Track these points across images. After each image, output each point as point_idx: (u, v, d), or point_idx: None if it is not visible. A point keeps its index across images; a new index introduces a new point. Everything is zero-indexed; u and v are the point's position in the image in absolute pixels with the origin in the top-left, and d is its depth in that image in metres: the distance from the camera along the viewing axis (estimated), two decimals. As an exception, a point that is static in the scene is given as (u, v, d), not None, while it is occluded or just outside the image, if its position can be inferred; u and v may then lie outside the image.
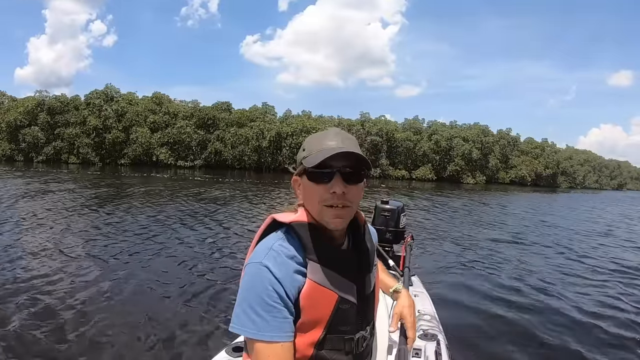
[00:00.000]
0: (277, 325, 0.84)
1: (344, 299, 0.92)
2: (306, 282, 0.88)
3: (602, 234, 11.72)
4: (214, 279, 4.81)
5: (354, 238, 1.00)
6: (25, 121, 53.49)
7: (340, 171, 0.88)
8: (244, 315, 0.85)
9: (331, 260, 0.91)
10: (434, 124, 68.36)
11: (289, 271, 0.87)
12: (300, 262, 0.89)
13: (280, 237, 0.92)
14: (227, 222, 9.15)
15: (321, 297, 0.89)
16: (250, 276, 0.87)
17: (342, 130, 0.96)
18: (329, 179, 0.88)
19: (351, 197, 0.90)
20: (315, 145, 0.92)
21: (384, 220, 2.62)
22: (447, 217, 13.47)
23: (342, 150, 0.87)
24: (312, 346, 0.90)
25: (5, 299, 3.85)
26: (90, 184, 18.62)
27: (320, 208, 0.90)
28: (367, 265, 1.01)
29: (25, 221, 8.00)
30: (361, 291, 0.97)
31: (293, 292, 0.87)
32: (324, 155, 0.87)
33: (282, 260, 0.87)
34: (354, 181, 0.90)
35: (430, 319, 2.00)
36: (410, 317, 1.13)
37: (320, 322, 0.90)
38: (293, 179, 0.97)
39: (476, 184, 59.45)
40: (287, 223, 0.93)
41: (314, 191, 0.90)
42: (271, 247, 0.89)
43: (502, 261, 6.81)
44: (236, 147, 56.71)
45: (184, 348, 3.12)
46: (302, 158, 0.93)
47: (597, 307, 4.60)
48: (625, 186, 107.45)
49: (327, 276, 0.90)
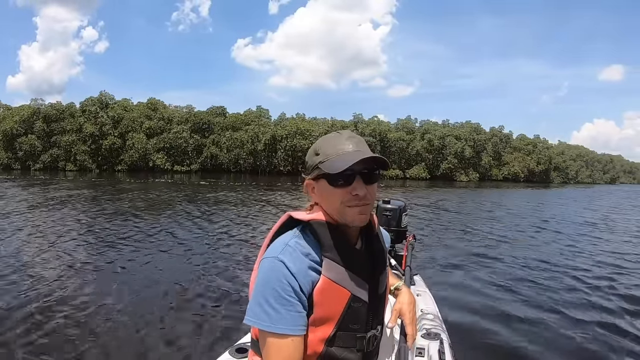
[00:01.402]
0: (290, 318, 0.86)
1: (357, 297, 0.94)
2: (320, 279, 0.90)
3: (602, 228, 11.61)
4: (216, 280, 4.87)
5: (367, 239, 1.03)
6: (22, 130, 53.91)
7: (361, 173, 0.91)
8: (259, 308, 0.87)
9: (346, 259, 0.94)
10: (426, 124, 69.35)
11: (304, 266, 0.89)
12: (315, 259, 0.91)
13: (297, 235, 0.95)
14: (226, 225, 9.18)
15: (334, 294, 0.91)
16: (266, 270, 0.89)
17: (352, 132, 0.99)
18: (350, 182, 0.91)
19: (370, 196, 0.94)
20: (330, 149, 0.93)
21: (385, 219, 2.61)
22: (445, 215, 13.43)
23: (363, 156, 0.89)
24: (323, 342, 0.92)
25: (6, 302, 3.89)
26: (88, 190, 18.62)
27: (342, 208, 0.92)
28: (380, 266, 1.03)
29: (25, 228, 8.04)
30: (373, 290, 0.99)
31: (307, 287, 0.89)
32: (347, 162, 0.88)
33: (297, 256, 0.90)
34: (372, 181, 0.94)
35: (433, 318, 2.00)
36: (409, 313, 1.14)
37: (331, 318, 0.92)
38: (306, 182, 0.99)
39: (469, 181, 60.26)
40: (305, 221, 0.96)
41: (335, 194, 0.92)
42: (287, 243, 0.92)
43: (504, 259, 6.72)
44: (232, 151, 57.45)
45: (187, 349, 3.14)
46: (319, 162, 0.94)
47: (604, 305, 4.45)
48: (618, 180, 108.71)
49: (341, 274, 0.92)
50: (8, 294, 4.18)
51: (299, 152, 55.73)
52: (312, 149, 0.97)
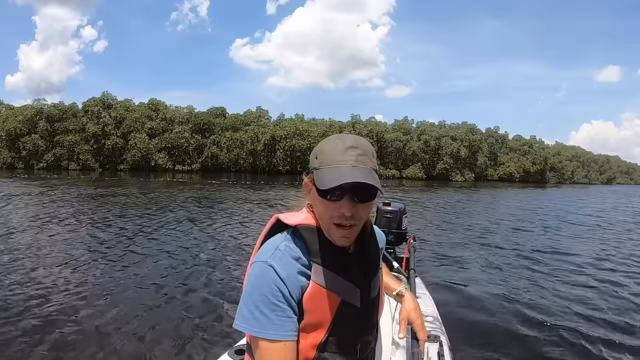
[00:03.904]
0: (280, 324, 0.85)
1: (347, 302, 0.92)
2: (310, 285, 0.89)
3: (602, 226, 11.77)
4: (217, 280, 4.87)
5: (360, 242, 0.98)
6: (25, 129, 54.79)
7: (351, 192, 0.86)
8: (248, 313, 0.86)
9: (336, 264, 0.91)
10: (422, 124, 70.30)
11: (293, 272, 0.87)
12: (305, 264, 0.89)
13: (287, 238, 0.92)
14: (226, 224, 9.22)
15: (324, 300, 0.89)
16: (255, 275, 0.88)
17: (359, 137, 0.92)
18: (339, 198, 0.86)
19: (360, 216, 0.88)
20: (327, 157, 0.88)
21: (386, 222, 2.59)
22: (442, 216, 13.36)
23: (354, 179, 0.83)
24: (315, 348, 0.90)
25: (7, 302, 3.91)
26: (91, 189, 18.72)
27: (328, 225, 0.89)
28: (372, 270, 1.00)
29: (30, 227, 8.09)
30: (365, 295, 0.96)
31: (297, 293, 0.87)
32: (335, 181, 0.83)
33: (287, 260, 0.88)
34: (365, 199, 0.88)
35: (432, 320, 1.99)
36: (418, 319, 1.13)
37: (322, 324, 0.90)
38: (305, 181, 0.95)
39: (465, 181, 61.08)
40: (292, 225, 0.93)
41: (324, 207, 0.88)
42: (277, 247, 0.90)
43: (502, 260, 6.69)
44: (232, 151, 58.51)
45: (187, 350, 3.13)
46: (314, 168, 0.90)
47: (605, 306, 4.43)
48: (615, 180, 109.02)
49: (330, 279, 0.90)
50: (3, 288, 4.27)
51: (298, 152, 56.87)
52: (314, 151, 0.93)
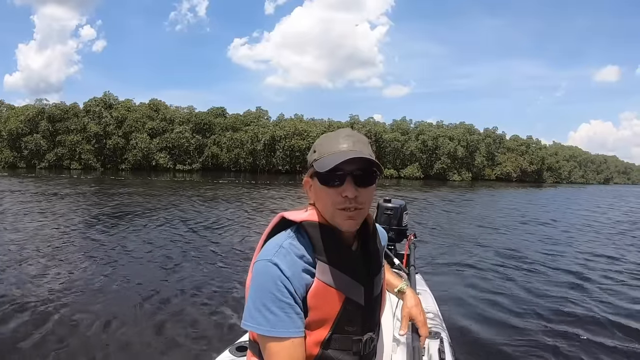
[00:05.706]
0: (289, 321, 0.85)
1: (351, 300, 0.92)
2: (314, 282, 0.89)
3: (602, 224, 11.95)
4: (217, 278, 4.89)
5: (363, 239, 1.00)
6: (27, 129, 55.21)
7: (352, 174, 0.88)
8: (257, 313, 0.86)
9: (340, 261, 0.92)
10: (420, 124, 70.80)
11: (297, 269, 0.88)
12: (309, 262, 0.90)
13: (291, 236, 0.92)
14: (227, 222, 9.29)
15: (328, 297, 0.90)
16: (260, 273, 0.88)
17: (354, 131, 0.95)
18: (341, 183, 0.88)
19: (363, 200, 0.90)
20: (326, 147, 0.91)
21: (386, 218, 2.60)
22: (440, 214, 13.47)
23: (352, 155, 0.86)
24: (318, 345, 0.91)
25: (6, 301, 3.89)
26: (92, 189, 18.93)
27: (332, 211, 0.90)
28: (375, 267, 1.01)
29: (31, 225, 8.14)
30: (369, 293, 0.97)
31: (301, 290, 0.88)
32: (334, 161, 0.85)
33: (291, 258, 0.88)
34: (366, 184, 0.90)
35: (433, 317, 1.99)
36: (420, 315, 1.16)
37: (326, 321, 0.91)
38: (304, 180, 0.97)
39: (462, 181, 61.63)
40: (297, 222, 0.94)
41: (326, 194, 0.90)
42: (281, 245, 0.90)
43: (502, 257, 6.73)
44: (232, 151, 59.13)
45: (187, 347, 3.13)
46: (313, 160, 0.92)
47: (606, 305, 4.42)
48: (612, 180, 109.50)
49: (335, 277, 0.90)
50: (3, 288, 4.27)
51: (297, 152, 57.49)
52: (312, 147, 0.96)
